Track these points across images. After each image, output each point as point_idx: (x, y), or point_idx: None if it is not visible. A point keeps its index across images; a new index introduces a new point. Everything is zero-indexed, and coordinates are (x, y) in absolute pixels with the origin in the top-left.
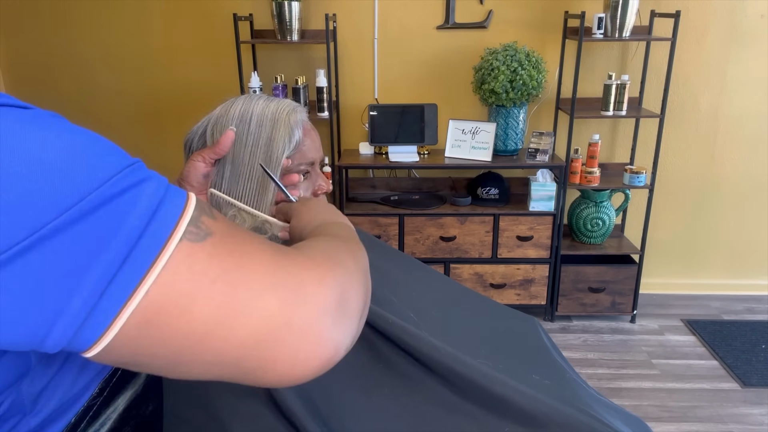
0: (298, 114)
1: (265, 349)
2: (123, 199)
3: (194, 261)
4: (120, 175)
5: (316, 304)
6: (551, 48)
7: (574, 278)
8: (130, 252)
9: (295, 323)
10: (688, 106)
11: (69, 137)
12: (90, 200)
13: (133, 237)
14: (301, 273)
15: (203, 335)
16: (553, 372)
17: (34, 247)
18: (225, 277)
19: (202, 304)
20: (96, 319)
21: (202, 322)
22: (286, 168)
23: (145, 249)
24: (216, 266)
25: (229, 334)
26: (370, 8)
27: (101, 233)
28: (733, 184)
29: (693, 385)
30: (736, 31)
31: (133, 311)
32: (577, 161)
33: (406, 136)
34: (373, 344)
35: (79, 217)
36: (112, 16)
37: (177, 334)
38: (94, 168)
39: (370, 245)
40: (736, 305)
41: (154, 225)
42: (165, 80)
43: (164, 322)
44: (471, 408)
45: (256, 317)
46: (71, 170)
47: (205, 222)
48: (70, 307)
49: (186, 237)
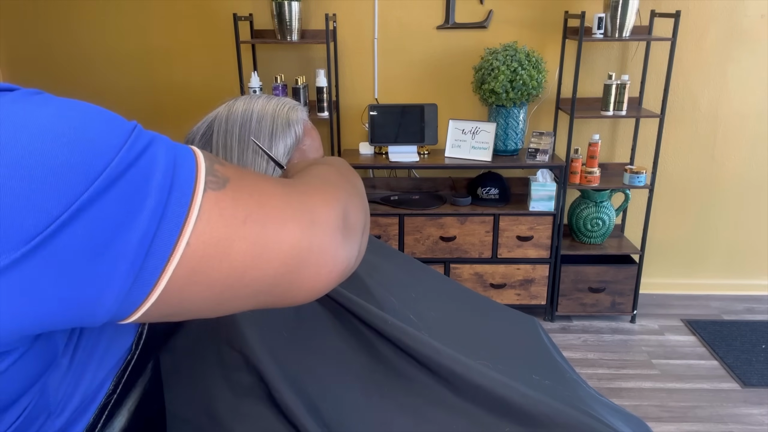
0: (299, 112)
1: (295, 272)
2: (144, 161)
3: (223, 207)
4: (132, 137)
5: (328, 224)
6: (551, 48)
7: (574, 278)
8: (164, 210)
9: (315, 244)
10: (688, 106)
11: (70, 110)
12: (115, 166)
13: (164, 194)
14: (308, 200)
15: (243, 271)
16: (553, 372)
17: (74, 220)
18: (253, 217)
19: (238, 244)
20: (144, 278)
21: (241, 261)
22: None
23: (178, 203)
24: (242, 208)
25: (266, 265)
26: (370, 8)
27: (134, 196)
28: (733, 184)
29: (693, 385)
30: (736, 31)
31: (178, 263)
32: (577, 161)
33: (406, 136)
34: (373, 345)
35: (110, 183)
36: (112, 16)
37: (221, 275)
38: (107, 134)
39: (370, 245)
40: (736, 305)
41: (179, 180)
42: (165, 80)
43: (208, 266)
44: (471, 409)
45: (286, 246)
46: (89, 140)
47: (219, 170)
48: (118, 272)
49: (209, 187)
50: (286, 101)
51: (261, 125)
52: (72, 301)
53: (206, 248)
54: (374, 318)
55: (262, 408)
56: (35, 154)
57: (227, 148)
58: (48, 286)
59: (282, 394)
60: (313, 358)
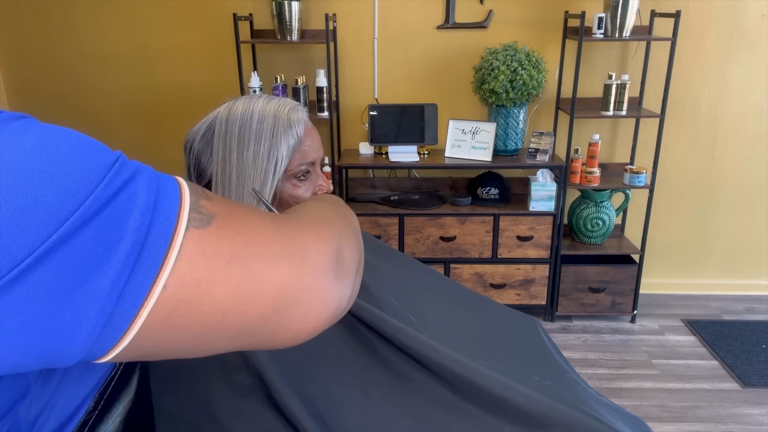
0: (300, 112)
1: (282, 313)
2: (121, 199)
3: (206, 246)
4: (111, 172)
5: (319, 263)
6: (551, 48)
7: (574, 278)
8: (140, 250)
9: (305, 284)
10: (688, 106)
11: (50, 140)
12: (88, 205)
13: (140, 235)
14: (300, 235)
15: (225, 314)
16: (553, 372)
17: (40, 263)
18: (239, 256)
19: (221, 285)
20: (115, 324)
21: (223, 303)
22: (287, 169)
23: (155, 244)
24: (227, 247)
25: (250, 307)
26: (370, 8)
27: (107, 237)
28: (733, 184)
29: (693, 385)
30: (736, 31)
31: (153, 307)
32: (577, 161)
33: (406, 136)
34: (372, 345)
35: (82, 223)
36: (112, 16)
37: (200, 318)
38: (85, 170)
39: (370, 246)
40: (736, 305)
41: (158, 219)
42: (165, 80)
43: (186, 310)
44: (471, 409)
45: (272, 287)
46: (62, 176)
47: (204, 205)
48: (87, 318)
49: (191, 225)
50: (287, 102)
51: (262, 126)
52: (35, 349)
53: (185, 291)
54: (374, 318)
55: (262, 408)
56: (2, 191)
57: (227, 149)
58: (9, 335)
59: (282, 395)
60: (313, 358)
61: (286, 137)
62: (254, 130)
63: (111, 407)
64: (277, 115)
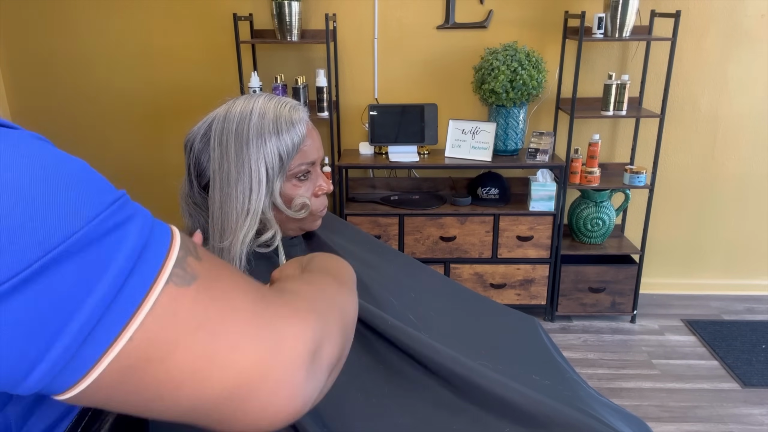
0: (300, 111)
1: (239, 400)
2: (110, 240)
3: (179, 307)
4: (107, 212)
5: (291, 360)
6: (551, 48)
7: (574, 278)
8: (116, 295)
9: (270, 377)
10: (688, 106)
11: (55, 168)
12: (76, 239)
13: (119, 279)
14: (280, 325)
15: (180, 383)
16: (553, 372)
17: (17, 290)
18: (207, 326)
19: (182, 352)
20: (78, 364)
21: (180, 371)
22: (289, 170)
23: (132, 292)
24: (200, 313)
25: (206, 384)
26: (370, 8)
27: (87, 275)
28: (733, 184)
29: (693, 385)
30: (736, 31)
31: (115, 356)
32: (577, 161)
33: (406, 136)
34: (373, 346)
35: (65, 257)
36: (112, 15)
37: (155, 380)
38: (81, 204)
39: (370, 246)
40: (736, 305)
41: (141, 267)
42: (165, 80)
43: (144, 368)
44: (471, 409)
45: (233, 370)
46: (56, 205)
47: (190, 264)
48: (51, 351)
49: (172, 280)
50: (287, 100)
51: (263, 122)
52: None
53: (147, 347)
54: (374, 318)
55: None
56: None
57: (223, 145)
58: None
59: None
60: None
61: (290, 134)
62: (254, 125)
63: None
64: (279, 112)
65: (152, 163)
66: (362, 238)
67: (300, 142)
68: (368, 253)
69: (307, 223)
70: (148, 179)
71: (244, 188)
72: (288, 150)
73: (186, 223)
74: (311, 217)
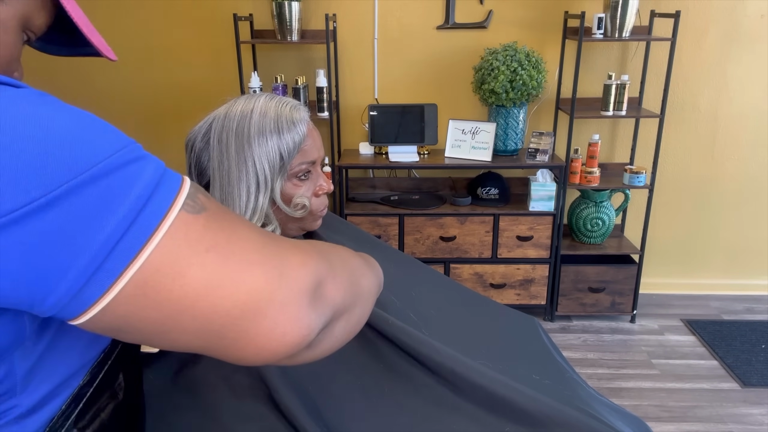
0: (302, 111)
1: (249, 320)
2: (130, 169)
3: (191, 230)
4: (125, 150)
5: (297, 284)
6: (551, 48)
7: (574, 278)
8: (135, 217)
9: (276, 299)
10: (688, 106)
11: (81, 114)
12: (101, 167)
13: (139, 203)
14: (285, 254)
15: (194, 300)
16: (553, 372)
17: (49, 206)
18: (217, 248)
19: (195, 269)
20: (100, 278)
21: (193, 288)
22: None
23: (150, 215)
24: (210, 237)
25: (218, 302)
26: (370, 8)
27: (110, 198)
28: (732, 184)
29: (693, 385)
30: (736, 31)
31: (134, 273)
32: (577, 161)
33: (406, 136)
34: (373, 345)
35: (90, 181)
36: (112, 16)
37: (170, 296)
38: (102, 141)
39: (370, 246)
40: (736, 305)
41: (158, 194)
42: (165, 80)
43: (160, 284)
44: (471, 408)
45: (243, 289)
46: (84, 140)
47: (200, 198)
48: (76, 265)
49: (185, 208)
50: (288, 100)
51: (264, 120)
52: (25, 284)
53: (163, 265)
54: (374, 317)
55: (263, 408)
56: (25, 139)
57: (222, 143)
58: (10, 263)
59: (282, 395)
60: None
61: (291, 134)
62: (255, 124)
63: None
64: (280, 111)
65: None
66: (363, 238)
67: (301, 141)
68: (369, 252)
69: (307, 222)
70: None
71: (248, 186)
72: (289, 149)
73: None
74: (312, 216)
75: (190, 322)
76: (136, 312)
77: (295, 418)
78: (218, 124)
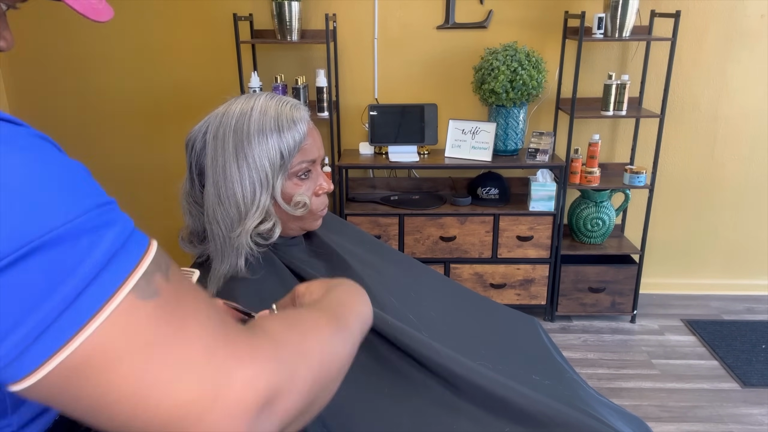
0: (302, 110)
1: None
2: (82, 242)
3: (134, 319)
4: (86, 216)
5: (234, 406)
6: (551, 48)
7: (574, 278)
8: (78, 296)
9: (207, 419)
10: (688, 106)
11: (46, 166)
12: (49, 238)
13: (84, 281)
14: (232, 366)
15: (118, 399)
16: (553, 372)
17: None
18: (157, 345)
19: (126, 367)
20: (31, 355)
21: (119, 386)
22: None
23: (93, 297)
24: (153, 330)
25: (142, 408)
26: (370, 8)
27: (53, 274)
28: (732, 184)
29: (693, 385)
30: (736, 31)
31: (67, 356)
32: (577, 161)
33: (406, 136)
34: (373, 345)
35: (36, 253)
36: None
37: (96, 390)
38: (62, 204)
39: (370, 246)
40: (736, 305)
41: (108, 273)
42: (165, 80)
43: (88, 376)
44: (471, 409)
45: (171, 400)
46: (37, 204)
47: (157, 280)
48: (11, 337)
49: (135, 290)
50: (288, 99)
51: (264, 118)
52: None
53: (95, 355)
54: (374, 318)
55: None
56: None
57: (218, 139)
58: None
59: None
60: None
61: (291, 131)
62: (255, 122)
63: None
64: (281, 110)
65: (152, 163)
66: (363, 238)
67: (302, 140)
68: (369, 253)
69: (307, 222)
70: (149, 179)
71: (250, 183)
72: (289, 148)
73: (187, 221)
74: (312, 216)
75: (111, 417)
76: (61, 397)
77: None
78: (216, 120)
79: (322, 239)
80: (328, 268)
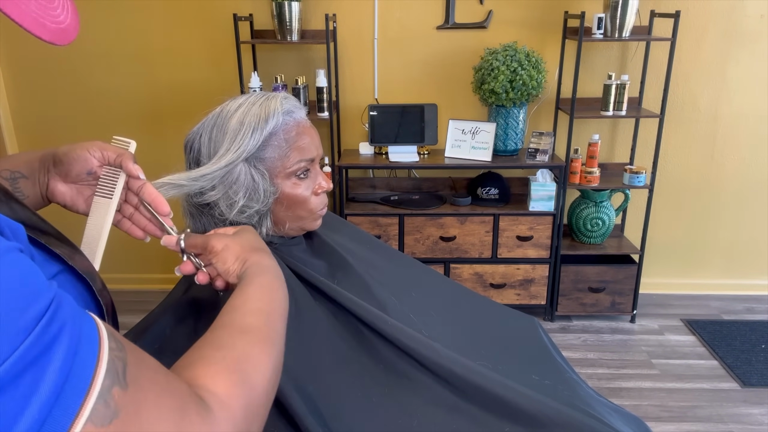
0: (291, 100)
1: None
2: (26, 380)
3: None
4: (22, 349)
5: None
6: (551, 48)
7: (574, 278)
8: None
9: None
10: (688, 106)
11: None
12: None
13: (34, 427)
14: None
15: None
16: (553, 372)
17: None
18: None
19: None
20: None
21: None
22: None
23: None
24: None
25: None
26: (370, 8)
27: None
28: (732, 184)
29: (693, 385)
30: (736, 31)
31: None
32: (577, 161)
33: (406, 136)
34: (373, 345)
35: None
36: (112, 16)
37: None
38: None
39: (370, 245)
40: (736, 305)
41: (58, 411)
42: (165, 80)
43: None
44: (471, 409)
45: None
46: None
47: (114, 396)
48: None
49: (91, 419)
50: (275, 94)
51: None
52: None
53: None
54: (374, 318)
55: None
56: None
57: (211, 138)
58: None
59: (283, 394)
60: (313, 358)
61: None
62: (248, 113)
63: None
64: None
65: (152, 163)
66: (363, 238)
67: (294, 123)
68: (369, 252)
69: (307, 222)
70: (148, 179)
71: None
72: (283, 127)
73: (187, 222)
74: (311, 216)
75: None
76: None
77: (296, 416)
78: (211, 121)
79: (323, 239)
80: (329, 268)
